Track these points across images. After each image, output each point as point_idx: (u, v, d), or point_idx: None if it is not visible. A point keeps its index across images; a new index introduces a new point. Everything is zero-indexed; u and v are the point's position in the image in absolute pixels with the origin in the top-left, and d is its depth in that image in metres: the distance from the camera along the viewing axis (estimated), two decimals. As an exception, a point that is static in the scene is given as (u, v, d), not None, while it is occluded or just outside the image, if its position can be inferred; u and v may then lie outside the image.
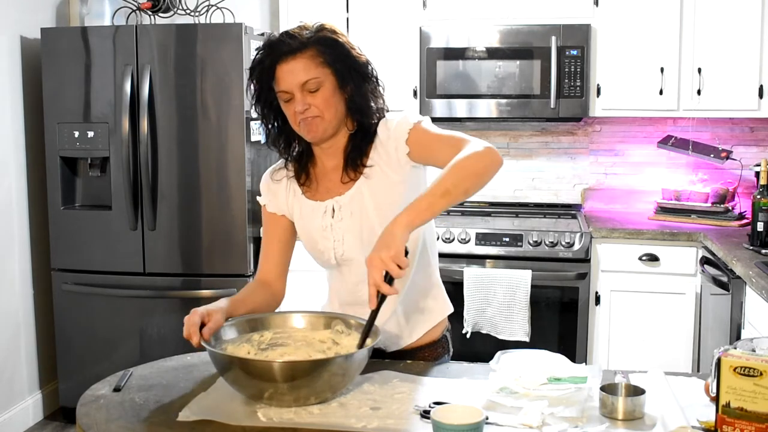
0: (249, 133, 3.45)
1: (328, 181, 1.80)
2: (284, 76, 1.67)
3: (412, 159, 1.71)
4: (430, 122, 1.75)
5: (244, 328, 1.65)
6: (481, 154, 1.59)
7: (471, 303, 3.34)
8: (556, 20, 3.59)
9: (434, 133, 1.71)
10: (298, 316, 1.70)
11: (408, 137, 1.70)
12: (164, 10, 3.69)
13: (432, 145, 1.70)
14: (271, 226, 1.87)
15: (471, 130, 4.07)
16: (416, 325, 1.82)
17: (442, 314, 1.87)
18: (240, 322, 1.66)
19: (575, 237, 3.38)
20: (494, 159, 1.60)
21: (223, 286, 3.45)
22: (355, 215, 1.74)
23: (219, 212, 3.46)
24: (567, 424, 1.35)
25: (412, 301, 1.81)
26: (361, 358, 1.47)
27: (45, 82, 3.51)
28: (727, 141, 3.90)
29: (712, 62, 3.54)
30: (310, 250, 1.83)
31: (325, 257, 1.80)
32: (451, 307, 1.90)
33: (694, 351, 3.38)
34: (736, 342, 1.53)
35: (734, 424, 1.27)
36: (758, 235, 3.01)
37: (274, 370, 1.38)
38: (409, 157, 1.71)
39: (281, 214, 1.85)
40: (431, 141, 1.70)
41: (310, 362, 1.44)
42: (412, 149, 1.71)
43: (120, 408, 1.47)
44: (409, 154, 1.71)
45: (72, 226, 3.57)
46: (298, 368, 1.40)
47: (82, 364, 3.59)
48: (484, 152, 1.59)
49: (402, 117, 1.74)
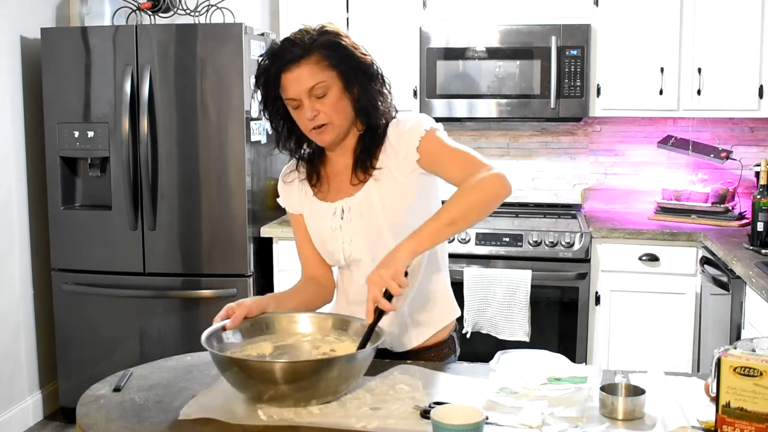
0: (249, 133, 3.45)
1: (338, 182, 1.80)
2: (291, 84, 1.67)
3: (421, 166, 1.71)
4: (443, 131, 1.74)
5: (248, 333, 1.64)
6: (491, 183, 1.60)
7: (471, 303, 3.34)
8: (556, 20, 3.59)
9: (447, 145, 1.70)
10: (304, 317, 1.69)
11: (420, 144, 1.69)
12: (164, 10, 3.69)
13: (442, 157, 1.69)
14: (296, 226, 1.90)
15: (471, 130, 4.08)
16: (422, 329, 1.83)
17: (448, 319, 1.87)
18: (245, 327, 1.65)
19: (575, 237, 3.38)
20: (504, 189, 1.61)
21: (223, 286, 3.45)
22: (364, 217, 1.74)
23: (219, 212, 3.46)
24: (567, 424, 1.35)
25: (420, 305, 1.81)
26: (362, 360, 1.47)
27: (45, 82, 3.51)
28: (727, 141, 3.90)
29: (712, 62, 3.54)
30: (321, 250, 1.84)
31: (334, 257, 1.81)
32: (458, 311, 1.90)
33: (694, 351, 3.38)
34: (736, 342, 1.53)
35: (734, 424, 1.27)
36: (758, 235, 3.01)
37: (275, 371, 1.38)
38: (418, 164, 1.71)
39: (299, 214, 1.87)
40: (442, 153, 1.69)
41: (312, 363, 1.44)
42: (423, 157, 1.70)
43: (120, 408, 1.47)
44: (418, 161, 1.70)
45: (72, 226, 3.57)
46: (299, 369, 1.40)
47: (82, 364, 3.59)
48: (494, 182, 1.60)
49: (415, 121, 1.73)
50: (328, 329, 1.67)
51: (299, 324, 1.69)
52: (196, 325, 3.44)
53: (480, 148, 4.04)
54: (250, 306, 1.66)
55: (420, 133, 1.70)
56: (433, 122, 1.74)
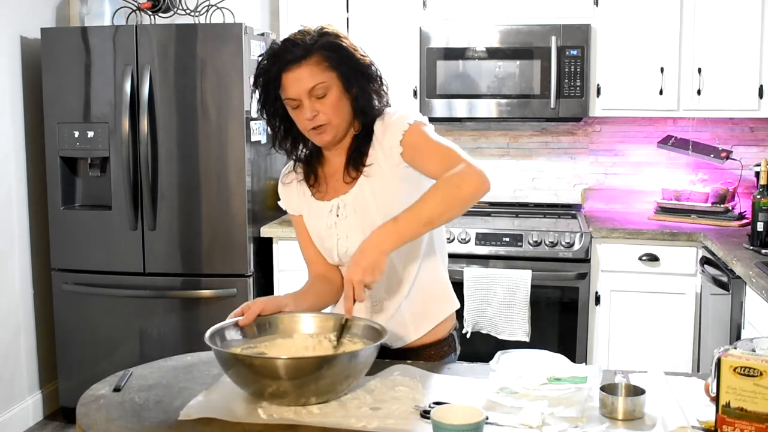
0: (249, 133, 3.45)
1: (335, 181, 1.81)
2: (291, 84, 1.68)
3: (405, 160, 1.71)
4: (428, 124, 1.75)
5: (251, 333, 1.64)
6: (469, 180, 1.60)
7: (471, 303, 3.34)
8: (556, 20, 3.59)
9: (430, 139, 1.71)
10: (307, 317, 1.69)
11: (403, 138, 1.70)
12: (164, 10, 3.69)
13: (424, 151, 1.70)
14: (298, 226, 1.90)
15: (471, 130, 4.08)
16: (421, 323, 1.83)
17: (447, 311, 1.87)
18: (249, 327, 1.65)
19: (575, 237, 3.38)
20: (482, 185, 1.62)
21: (223, 286, 3.46)
22: (358, 213, 1.75)
23: (219, 212, 3.46)
24: (567, 424, 1.35)
25: (418, 299, 1.82)
26: (364, 358, 1.47)
27: (45, 82, 3.51)
28: (727, 141, 3.90)
29: (712, 62, 3.54)
30: (320, 248, 1.85)
31: (332, 255, 1.82)
32: (458, 303, 1.91)
33: (694, 351, 3.38)
34: (736, 342, 1.53)
35: (734, 424, 1.27)
36: (758, 235, 3.01)
37: (278, 367, 1.38)
38: (402, 157, 1.71)
39: (299, 215, 1.88)
40: (424, 146, 1.70)
41: (315, 359, 1.45)
42: (405, 150, 1.70)
43: (120, 408, 1.47)
44: (402, 154, 1.71)
45: (72, 226, 3.57)
46: (302, 366, 1.40)
47: (82, 364, 3.58)
48: (472, 178, 1.61)
49: (399, 115, 1.73)
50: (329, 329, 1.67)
51: (301, 324, 1.69)
52: (196, 325, 3.45)
53: (480, 148, 4.05)
54: (266, 303, 1.67)
55: (404, 127, 1.71)
56: (419, 115, 1.75)
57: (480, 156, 4.02)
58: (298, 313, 1.70)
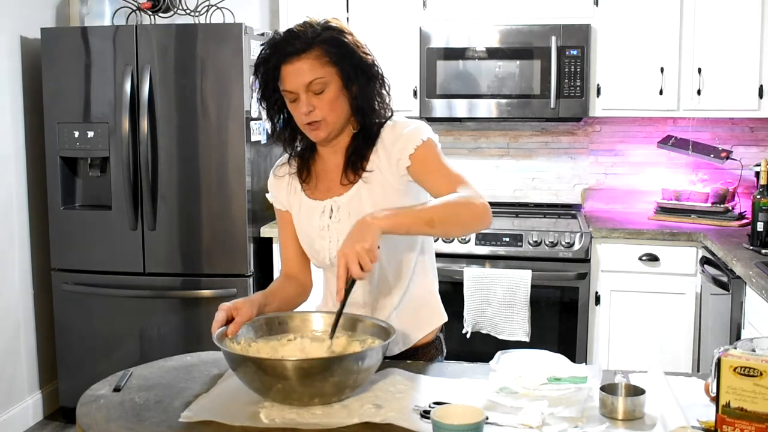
0: (249, 133, 3.45)
1: (328, 181, 1.79)
2: (290, 77, 1.66)
3: (409, 173, 1.70)
4: (438, 144, 1.73)
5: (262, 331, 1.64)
6: (476, 207, 1.60)
7: (471, 303, 3.34)
8: (556, 20, 3.59)
9: (440, 160, 1.69)
10: (317, 316, 1.69)
11: (414, 152, 1.68)
12: (164, 10, 3.69)
13: (432, 170, 1.68)
14: (282, 222, 1.88)
15: (471, 130, 4.08)
16: (409, 334, 1.81)
17: (435, 324, 1.86)
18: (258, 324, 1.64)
19: (575, 237, 3.38)
20: (486, 215, 1.62)
21: (223, 286, 3.45)
22: (352, 217, 1.71)
23: (219, 212, 3.46)
24: (567, 424, 1.35)
25: (408, 311, 1.80)
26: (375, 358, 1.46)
27: (45, 82, 3.51)
28: (727, 141, 3.90)
29: (712, 62, 3.54)
30: (307, 248, 1.82)
31: (320, 257, 1.79)
32: (446, 317, 1.89)
33: (694, 351, 3.38)
34: (736, 342, 1.53)
35: (734, 424, 1.27)
36: (758, 235, 3.01)
37: (287, 368, 1.38)
38: (407, 171, 1.70)
39: (285, 210, 1.86)
40: (434, 165, 1.68)
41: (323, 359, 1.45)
42: (414, 164, 1.69)
43: (120, 408, 1.47)
44: (408, 168, 1.69)
45: (72, 226, 3.57)
46: (312, 365, 1.40)
47: (82, 364, 3.58)
48: (479, 207, 1.60)
49: (414, 127, 1.71)
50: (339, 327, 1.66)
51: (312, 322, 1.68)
52: (196, 325, 3.45)
53: (480, 148, 4.05)
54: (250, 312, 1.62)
55: (416, 142, 1.69)
56: (432, 132, 1.73)
57: (480, 156, 4.03)
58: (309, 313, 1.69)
